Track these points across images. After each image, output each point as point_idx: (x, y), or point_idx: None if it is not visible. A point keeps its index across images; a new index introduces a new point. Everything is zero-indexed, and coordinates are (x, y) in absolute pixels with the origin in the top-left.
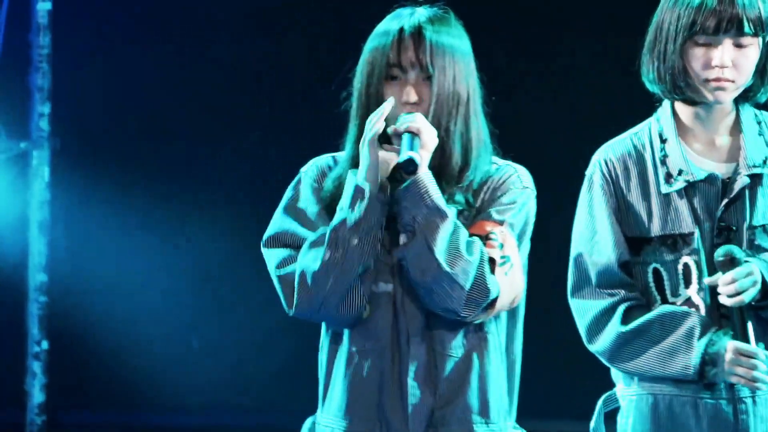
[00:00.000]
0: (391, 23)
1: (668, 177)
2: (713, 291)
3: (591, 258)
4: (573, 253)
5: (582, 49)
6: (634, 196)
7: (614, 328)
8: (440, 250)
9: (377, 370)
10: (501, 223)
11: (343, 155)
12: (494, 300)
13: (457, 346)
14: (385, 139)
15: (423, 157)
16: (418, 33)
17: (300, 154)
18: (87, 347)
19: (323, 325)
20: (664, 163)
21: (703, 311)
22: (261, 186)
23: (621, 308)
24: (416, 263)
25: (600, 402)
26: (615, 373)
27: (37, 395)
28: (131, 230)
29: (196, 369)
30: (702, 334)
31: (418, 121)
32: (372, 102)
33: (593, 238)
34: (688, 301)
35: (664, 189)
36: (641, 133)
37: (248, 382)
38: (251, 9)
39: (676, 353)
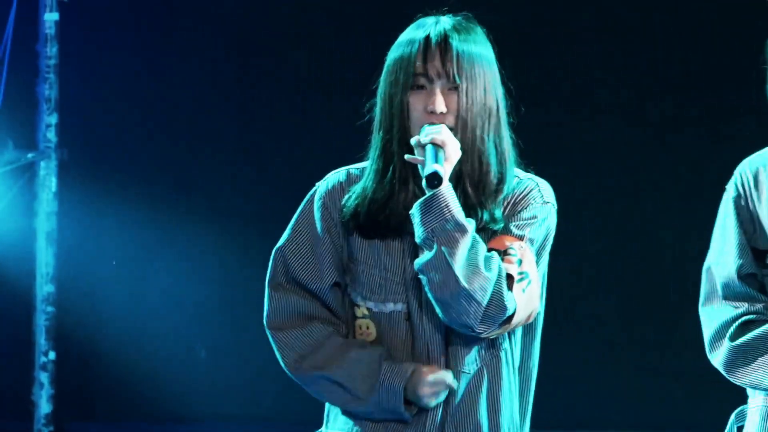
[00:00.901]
0: (415, 32)
1: None
2: None
3: (717, 269)
4: (705, 264)
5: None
6: (764, 209)
7: (726, 343)
8: (459, 265)
9: None
10: (521, 238)
11: (359, 166)
12: (510, 316)
13: (470, 362)
14: (408, 149)
15: (446, 170)
16: (444, 41)
17: (307, 161)
18: (94, 358)
19: None
20: None
21: None
22: (270, 195)
23: (738, 322)
24: (435, 278)
25: (732, 416)
26: (748, 389)
27: (44, 406)
28: (139, 241)
29: (203, 380)
30: None
31: (443, 133)
32: (396, 112)
33: (722, 249)
34: None
35: None
36: None
37: (256, 393)
38: (259, 19)
39: None
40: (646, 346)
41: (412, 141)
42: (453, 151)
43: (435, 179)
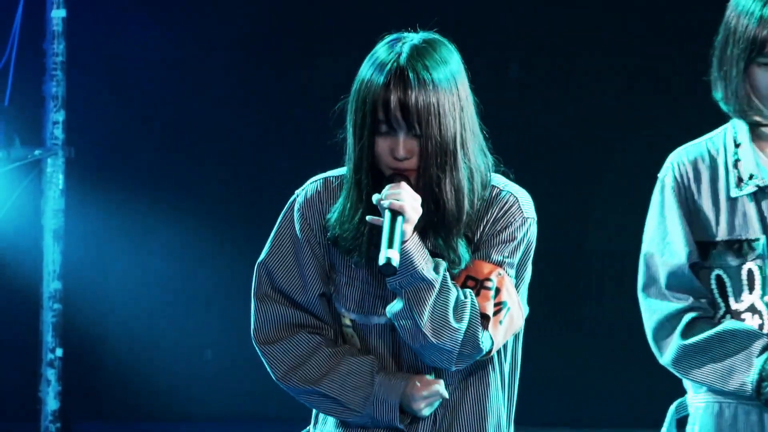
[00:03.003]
0: (379, 63)
1: (739, 181)
2: None
3: (662, 258)
4: (643, 251)
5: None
6: (704, 200)
7: (676, 340)
8: (426, 321)
9: None
10: (500, 264)
11: (337, 173)
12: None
13: (457, 371)
14: (377, 185)
15: (407, 231)
16: (402, 84)
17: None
18: (101, 355)
19: None
20: (735, 167)
21: (766, 317)
22: (275, 197)
23: (685, 318)
24: (405, 327)
25: (672, 408)
26: (685, 381)
27: (51, 403)
28: (145, 238)
29: (209, 378)
30: (762, 352)
31: (402, 195)
32: (365, 150)
33: (665, 238)
34: (751, 308)
35: (734, 193)
36: (716, 137)
37: (262, 393)
38: (265, 20)
39: (735, 371)
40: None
41: (374, 199)
42: (412, 211)
43: (389, 269)
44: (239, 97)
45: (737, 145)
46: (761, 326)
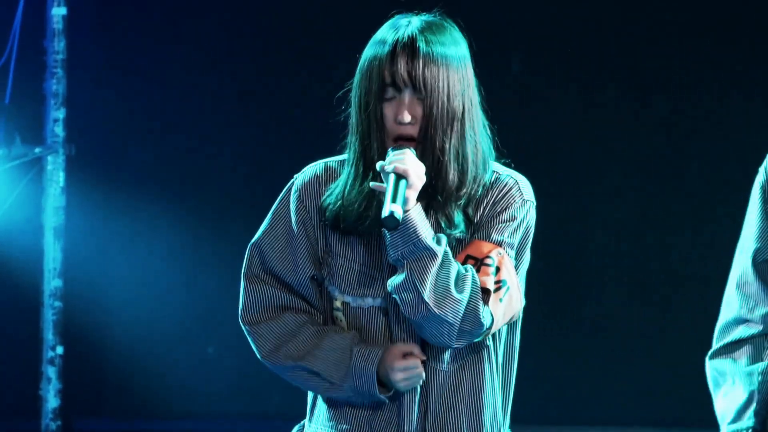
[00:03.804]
0: (387, 34)
1: None
2: None
3: (739, 254)
4: (737, 246)
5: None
6: None
7: (713, 349)
8: (429, 290)
9: None
10: (499, 243)
11: (337, 159)
12: (489, 327)
13: (449, 359)
14: (384, 154)
15: (410, 198)
16: (411, 49)
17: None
18: (102, 353)
19: None
20: None
21: None
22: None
23: (733, 337)
24: (406, 300)
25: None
26: None
27: (51, 400)
28: (146, 235)
29: (211, 376)
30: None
31: (406, 160)
32: (371, 119)
33: (746, 234)
34: None
35: None
36: None
37: (263, 390)
38: (266, 19)
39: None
40: (645, 340)
41: (377, 165)
42: (416, 178)
43: (392, 222)
44: (240, 94)
45: None
46: None
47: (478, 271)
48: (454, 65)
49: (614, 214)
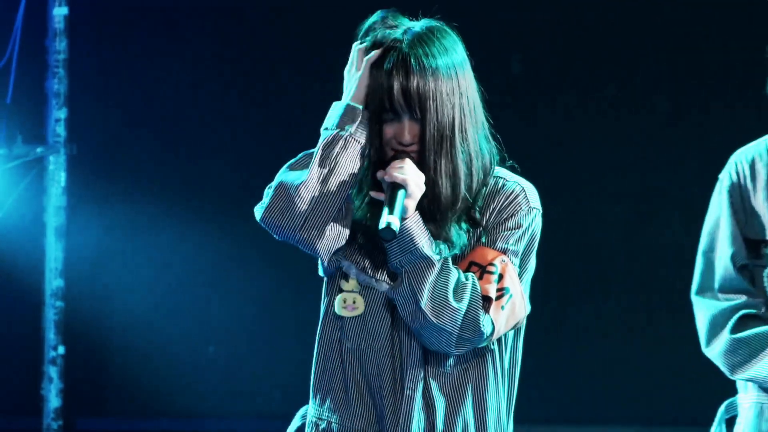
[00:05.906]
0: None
1: None
2: None
3: (714, 259)
4: (699, 249)
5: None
6: (759, 199)
7: (726, 334)
8: (426, 300)
9: (375, 367)
10: (503, 251)
11: None
12: (490, 335)
13: (454, 362)
14: (375, 183)
15: (409, 207)
16: (404, 72)
17: None
18: (103, 353)
19: (321, 315)
20: None
21: None
22: None
23: (737, 315)
24: (404, 309)
25: (722, 408)
26: (737, 381)
27: (53, 400)
28: (148, 235)
29: (212, 375)
30: None
31: (406, 170)
32: (373, 135)
33: (716, 237)
34: None
35: None
36: None
37: (264, 389)
38: (267, 19)
39: None
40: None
41: (378, 175)
42: (415, 187)
43: (388, 234)
44: (241, 94)
45: None
46: None
47: (481, 278)
48: (444, 75)
49: (614, 214)
